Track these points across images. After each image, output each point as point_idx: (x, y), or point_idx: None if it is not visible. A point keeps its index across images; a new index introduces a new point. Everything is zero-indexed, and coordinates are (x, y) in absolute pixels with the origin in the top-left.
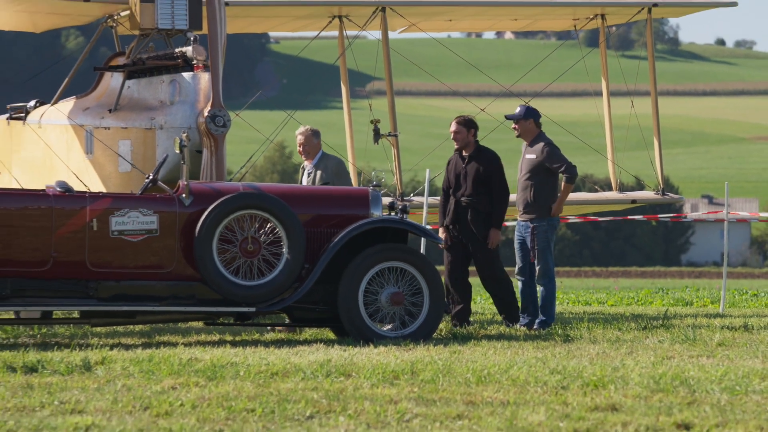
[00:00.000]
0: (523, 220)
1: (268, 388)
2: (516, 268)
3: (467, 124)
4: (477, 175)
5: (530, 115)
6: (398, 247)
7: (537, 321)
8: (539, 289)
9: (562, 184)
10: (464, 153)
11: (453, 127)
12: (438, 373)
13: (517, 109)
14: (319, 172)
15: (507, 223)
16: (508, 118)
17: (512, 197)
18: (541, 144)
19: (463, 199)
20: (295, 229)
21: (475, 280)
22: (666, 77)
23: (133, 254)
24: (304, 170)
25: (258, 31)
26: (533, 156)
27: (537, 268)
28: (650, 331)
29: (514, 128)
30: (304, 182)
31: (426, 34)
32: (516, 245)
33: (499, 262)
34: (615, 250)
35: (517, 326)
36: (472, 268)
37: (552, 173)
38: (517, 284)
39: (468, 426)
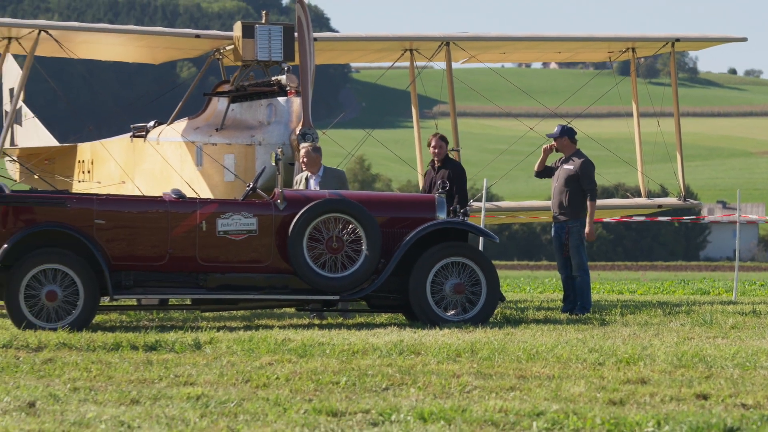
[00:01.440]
0: (559, 222)
1: (350, 364)
2: (557, 264)
3: (444, 140)
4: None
5: (565, 133)
6: (460, 245)
7: (577, 308)
8: (577, 280)
9: (588, 202)
10: (437, 164)
11: (434, 142)
12: (494, 352)
13: (555, 129)
14: (322, 182)
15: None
16: (548, 136)
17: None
18: (580, 160)
19: None
20: (373, 229)
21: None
22: (686, 101)
23: (236, 251)
24: (307, 180)
25: (341, 62)
26: (570, 167)
27: (573, 262)
28: (674, 316)
29: (553, 144)
30: (311, 187)
31: (483, 65)
32: (555, 244)
33: None
34: (644, 247)
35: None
36: None
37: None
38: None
39: (519, 396)
